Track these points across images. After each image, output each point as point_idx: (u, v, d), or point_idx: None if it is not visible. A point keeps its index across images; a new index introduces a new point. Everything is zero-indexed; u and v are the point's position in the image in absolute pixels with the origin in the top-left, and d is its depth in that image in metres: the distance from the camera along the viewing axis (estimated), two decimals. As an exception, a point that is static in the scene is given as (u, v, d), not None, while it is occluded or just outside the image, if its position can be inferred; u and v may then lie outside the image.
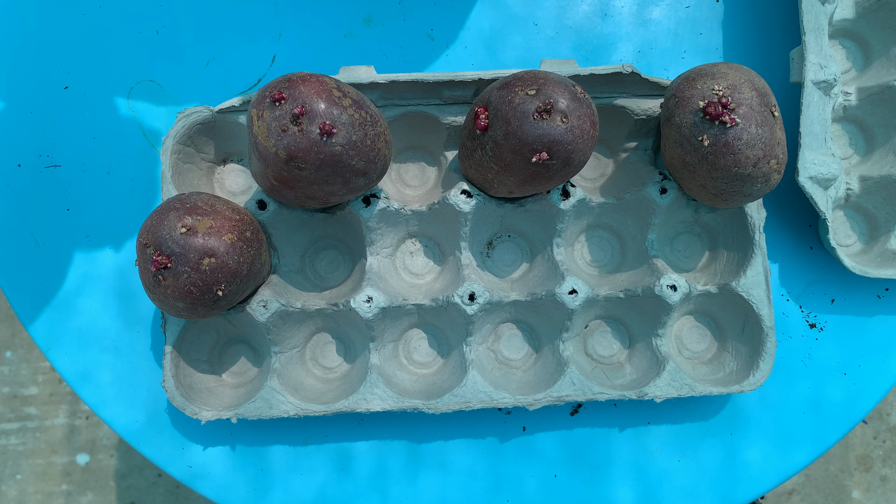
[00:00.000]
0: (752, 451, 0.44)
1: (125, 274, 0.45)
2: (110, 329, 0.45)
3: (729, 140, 0.36)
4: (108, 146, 0.46)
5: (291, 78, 0.34)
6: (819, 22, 0.42)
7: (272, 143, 0.33)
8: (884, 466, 1.06)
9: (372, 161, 0.36)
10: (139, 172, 0.46)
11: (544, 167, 0.36)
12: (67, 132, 0.46)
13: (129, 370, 0.44)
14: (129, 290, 0.45)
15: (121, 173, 0.46)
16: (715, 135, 0.36)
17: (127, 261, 0.45)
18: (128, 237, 0.45)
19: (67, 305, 0.45)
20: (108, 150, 0.46)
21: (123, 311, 0.45)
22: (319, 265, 0.45)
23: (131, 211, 0.45)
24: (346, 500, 0.43)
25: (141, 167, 0.46)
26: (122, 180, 0.46)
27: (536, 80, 0.36)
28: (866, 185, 0.44)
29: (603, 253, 0.46)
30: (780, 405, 0.45)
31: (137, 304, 0.45)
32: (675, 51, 0.48)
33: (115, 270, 0.45)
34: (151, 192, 0.46)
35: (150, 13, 0.47)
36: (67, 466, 1.06)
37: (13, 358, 1.09)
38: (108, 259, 0.45)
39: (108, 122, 0.46)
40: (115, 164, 0.46)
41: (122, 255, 0.45)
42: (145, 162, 0.46)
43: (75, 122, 0.46)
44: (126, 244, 0.45)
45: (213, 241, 0.35)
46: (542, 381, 0.42)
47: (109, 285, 0.45)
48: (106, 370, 0.44)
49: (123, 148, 0.46)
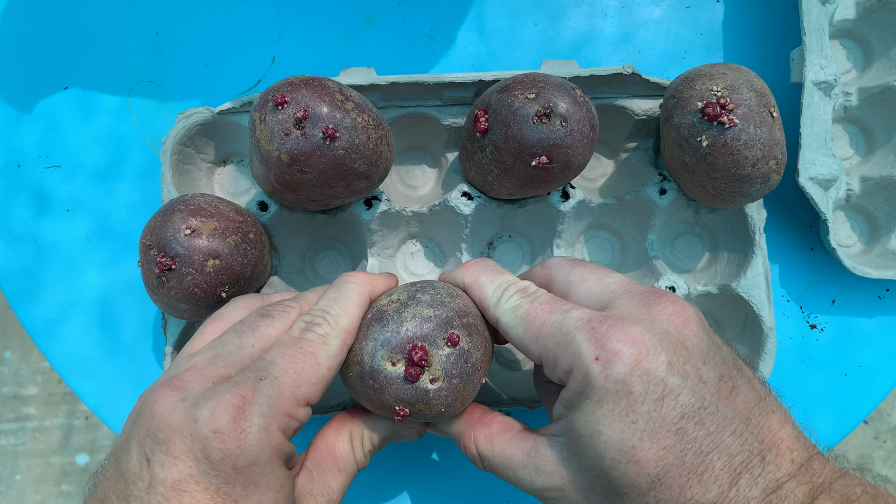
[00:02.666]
0: (753, 451, 0.45)
1: (125, 274, 0.45)
2: (110, 329, 0.45)
3: (727, 141, 0.36)
4: (108, 146, 0.46)
5: (294, 81, 0.34)
6: (819, 22, 0.42)
7: (275, 147, 0.33)
8: (884, 466, 1.06)
9: (374, 164, 0.36)
10: (139, 172, 0.46)
11: (544, 171, 0.36)
12: (67, 132, 0.46)
13: (129, 370, 0.44)
14: (130, 291, 0.45)
15: (121, 173, 0.46)
16: (714, 135, 0.36)
17: (127, 261, 0.45)
18: (128, 237, 0.45)
19: (67, 305, 0.45)
20: (108, 150, 0.46)
21: (123, 311, 0.45)
22: (320, 266, 0.45)
23: (131, 211, 0.45)
24: (347, 500, 0.43)
25: (141, 167, 0.46)
26: (122, 180, 0.46)
27: (536, 83, 0.36)
28: (867, 186, 0.44)
29: (603, 253, 0.46)
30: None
31: (138, 305, 0.45)
32: (675, 51, 0.48)
33: (115, 270, 0.45)
34: (151, 192, 0.46)
35: (150, 13, 0.47)
36: (66, 467, 1.06)
37: (12, 358, 1.09)
38: (108, 259, 0.45)
39: (108, 122, 0.46)
40: (115, 164, 0.46)
41: (122, 256, 0.45)
42: (145, 162, 0.46)
43: (75, 122, 0.46)
44: (126, 244, 0.45)
45: (218, 243, 0.35)
46: (542, 381, 0.42)
47: (109, 285, 0.45)
48: (106, 370, 0.44)
49: (123, 148, 0.46)
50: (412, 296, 0.34)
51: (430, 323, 0.32)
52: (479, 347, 0.33)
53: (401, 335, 0.32)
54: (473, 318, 0.34)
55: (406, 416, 0.32)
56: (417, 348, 0.32)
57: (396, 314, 0.33)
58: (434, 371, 0.32)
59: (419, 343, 0.32)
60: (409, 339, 0.32)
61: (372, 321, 0.33)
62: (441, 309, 0.33)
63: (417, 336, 0.32)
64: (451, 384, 0.32)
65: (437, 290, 0.34)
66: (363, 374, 0.32)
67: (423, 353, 0.32)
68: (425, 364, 0.32)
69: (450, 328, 0.32)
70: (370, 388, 0.32)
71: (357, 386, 0.33)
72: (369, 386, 0.32)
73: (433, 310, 0.33)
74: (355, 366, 0.33)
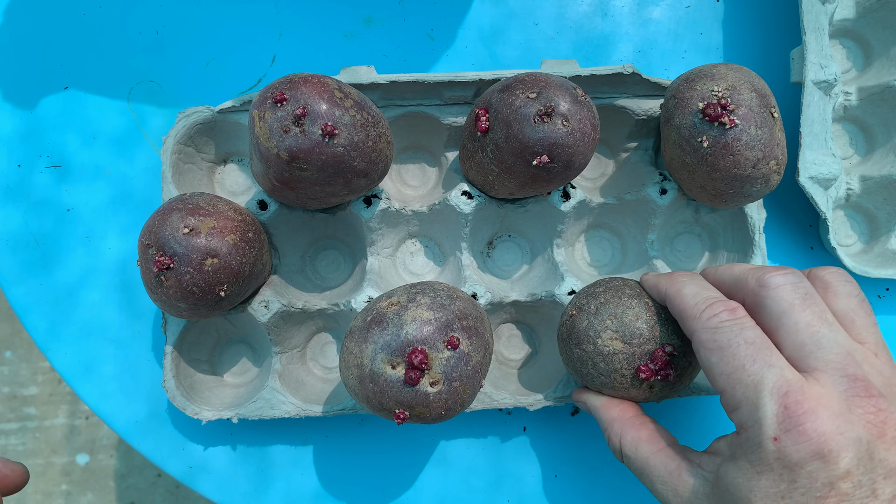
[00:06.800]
0: (753, 451, 0.45)
1: (125, 274, 0.45)
2: (110, 329, 0.45)
3: (728, 141, 0.36)
4: (108, 146, 0.46)
5: (293, 79, 0.34)
6: (819, 22, 0.42)
7: (274, 145, 0.33)
8: (883, 466, 1.06)
9: (373, 162, 0.36)
10: (139, 172, 0.46)
11: (545, 170, 0.36)
12: (67, 132, 0.46)
13: (129, 370, 0.44)
14: (130, 290, 0.45)
15: (121, 173, 0.46)
16: (714, 136, 0.36)
17: (127, 261, 0.45)
18: (128, 238, 0.45)
19: (67, 305, 0.45)
20: (108, 150, 0.46)
21: (123, 311, 0.45)
22: (320, 265, 0.45)
23: (131, 211, 0.45)
24: (347, 500, 0.44)
25: (141, 167, 0.46)
26: (122, 180, 0.46)
27: (537, 82, 0.36)
28: (867, 185, 0.44)
29: (603, 253, 0.46)
30: (780, 405, 0.45)
31: (138, 305, 0.45)
32: (676, 51, 0.48)
33: (115, 270, 0.45)
34: (152, 192, 0.46)
35: (150, 13, 0.47)
36: (67, 466, 1.06)
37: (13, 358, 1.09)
38: (108, 259, 0.45)
39: (108, 122, 0.46)
40: (115, 164, 0.46)
41: (122, 256, 0.45)
42: (145, 162, 0.46)
43: (75, 122, 0.46)
44: (126, 245, 0.45)
45: (216, 242, 0.35)
46: (542, 381, 0.42)
47: (109, 285, 0.45)
48: (106, 369, 0.44)
49: (123, 148, 0.46)
50: (412, 298, 0.34)
51: (430, 326, 0.32)
52: (480, 350, 0.33)
53: (401, 338, 0.32)
54: (473, 320, 0.34)
55: (406, 418, 0.32)
56: (417, 352, 0.31)
57: (396, 317, 0.33)
58: (434, 374, 0.32)
59: (419, 346, 0.32)
60: (408, 342, 0.32)
61: (372, 324, 0.33)
62: (441, 311, 0.33)
63: (417, 339, 0.32)
64: (452, 387, 0.32)
65: (437, 293, 0.34)
66: (363, 376, 0.32)
67: (423, 357, 0.31)
68: (425, 367, 0.32)
69: (450, 331, 0.32)
70: (370, 391, 0.32)
71: (357, 388, 0.33)
72: (369, 389, 0.32)
73: (433, 312, 0.33)
74: (355, 368, 0.33)
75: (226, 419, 0.42)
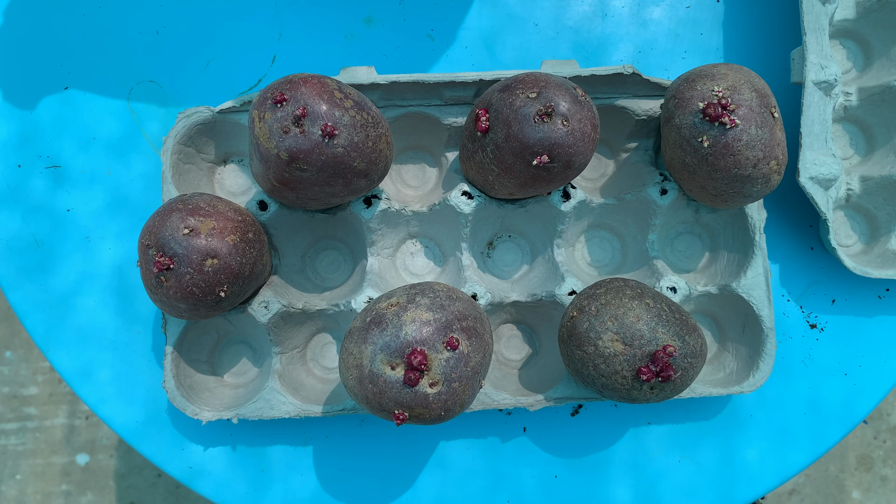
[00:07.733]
0: (752, 451, 0.45)
1: (125, 274, 0.45)
2: (110, 329, 0.45)
3: (729, 141, 0.36)
4: (108, 146, 0.46)
5: (293, 79, 0.34)
6: (820, 22, 0.42)
7: (274, 145, 0.33)
8: (884, 466, 1.06)
9: (373, 162, 0.36)
10: (139, 172, 0.46)
11: (545, 170, 0.36)
12: (67, 132, 0.46)
13: (129, 370, 0.44)
14: (130, 291, 0.45)
15: (121, 173, 0.46)
16: (715, 136, 0.36)
17: (127, 261, 0.45)
18: (128, 238, 0.45)
19: (67, 306, 0.45)
20: (108, 150, 0.46)
21: (123, 311, 0.45)
22: (320, 266, 0.45)
23: (131, 211, 0.45)
24: (346, 501, 0.44)
25: (141, 167, 0.46)
26: (122, 180, 0.46)
27: (538, 82, 0.36)
28: (867, 186, 0.44)
29: (603, 253, 0.46)
30: (780, 406, 0.45)
31: (138, 305, 0.45)
32: (676, 51, 0.48)
33: (115, 271, 0.45)
34: (152, 192, 0.46)
35: (150, 13, 0.47)
36: (67, 466, 1.06)
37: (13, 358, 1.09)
38: (109, 259, 0.45)
39: (108, 122, 0.46)
40: (115, 164, 0.46)
41: (122, 256, 0.45)
42: (145, 162, 0.46)
43: (75, 122, 0.46)
44: (126, 245, 0.45)
45: (216, 243, 0.35)
46: (542, 381, 0.42)
47: (109, 285, 0.45)
48: (106, 370, 0.44)
49: (123, 148, 0.46)
50: (411, 299, 0.34)
51: (429, 327, 0.32)
52: (479, 351, 0.33)
53: (400, 339, 0.32)
54: (473, 321, 0.34)
55: (405, 419, 0.32)
56: (417, 353, 0.31)
57: (395, 318, 0.33)
58: (433, 375, 0.32)
59: (418, 347, 0.32)
60: (408, 343, 0.32)
61: (371, 324, 0.33)
62: (440, 312, 0.33)
63: (417, 340, 0.32)
64: (451, 388, 0.32)
65: (436, 293, 0.34)
66: (362, 377, 0.32)
67: (423, 358, 0.31)
68: (424, 368, 0.31)
69: (449, 332, 0.32)
70: (369, 391, 0.32)
71: (356, 389, 0.33)
72: (368, 390, 0.32)
73: (432, 313, 0.33)
74: (354, 369, 0.33)
75: (226, 420, 0.42)
